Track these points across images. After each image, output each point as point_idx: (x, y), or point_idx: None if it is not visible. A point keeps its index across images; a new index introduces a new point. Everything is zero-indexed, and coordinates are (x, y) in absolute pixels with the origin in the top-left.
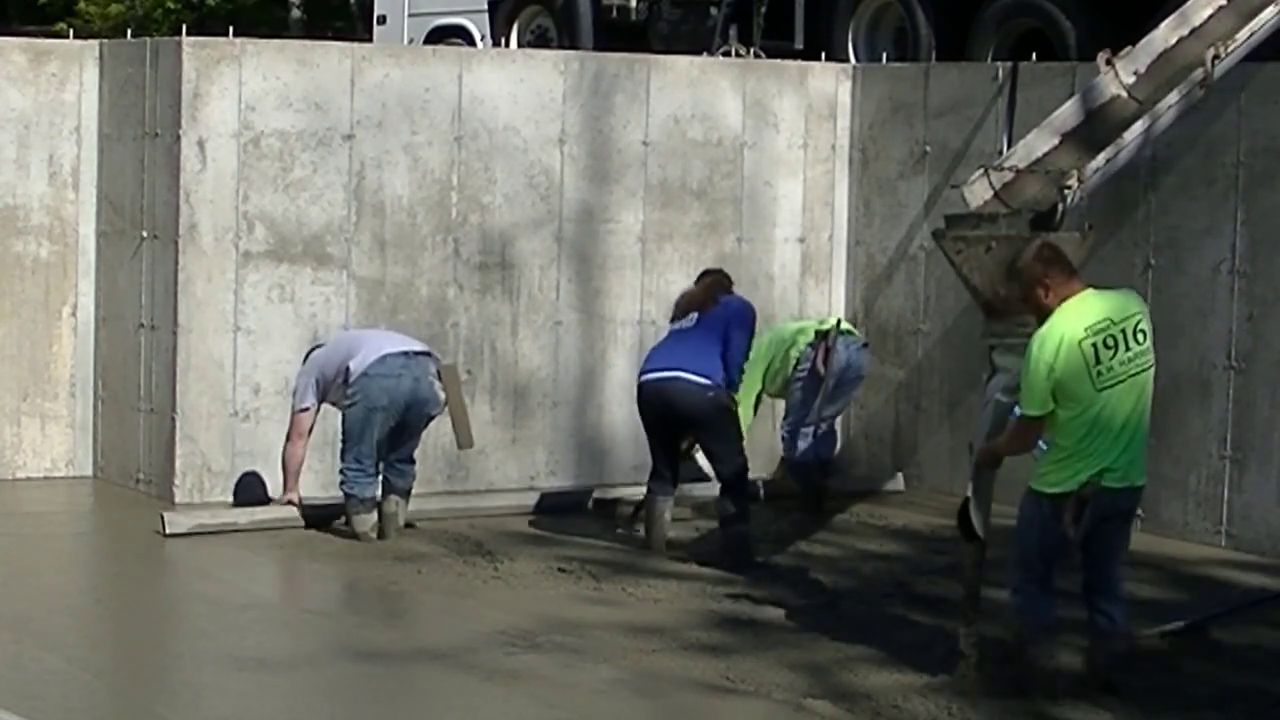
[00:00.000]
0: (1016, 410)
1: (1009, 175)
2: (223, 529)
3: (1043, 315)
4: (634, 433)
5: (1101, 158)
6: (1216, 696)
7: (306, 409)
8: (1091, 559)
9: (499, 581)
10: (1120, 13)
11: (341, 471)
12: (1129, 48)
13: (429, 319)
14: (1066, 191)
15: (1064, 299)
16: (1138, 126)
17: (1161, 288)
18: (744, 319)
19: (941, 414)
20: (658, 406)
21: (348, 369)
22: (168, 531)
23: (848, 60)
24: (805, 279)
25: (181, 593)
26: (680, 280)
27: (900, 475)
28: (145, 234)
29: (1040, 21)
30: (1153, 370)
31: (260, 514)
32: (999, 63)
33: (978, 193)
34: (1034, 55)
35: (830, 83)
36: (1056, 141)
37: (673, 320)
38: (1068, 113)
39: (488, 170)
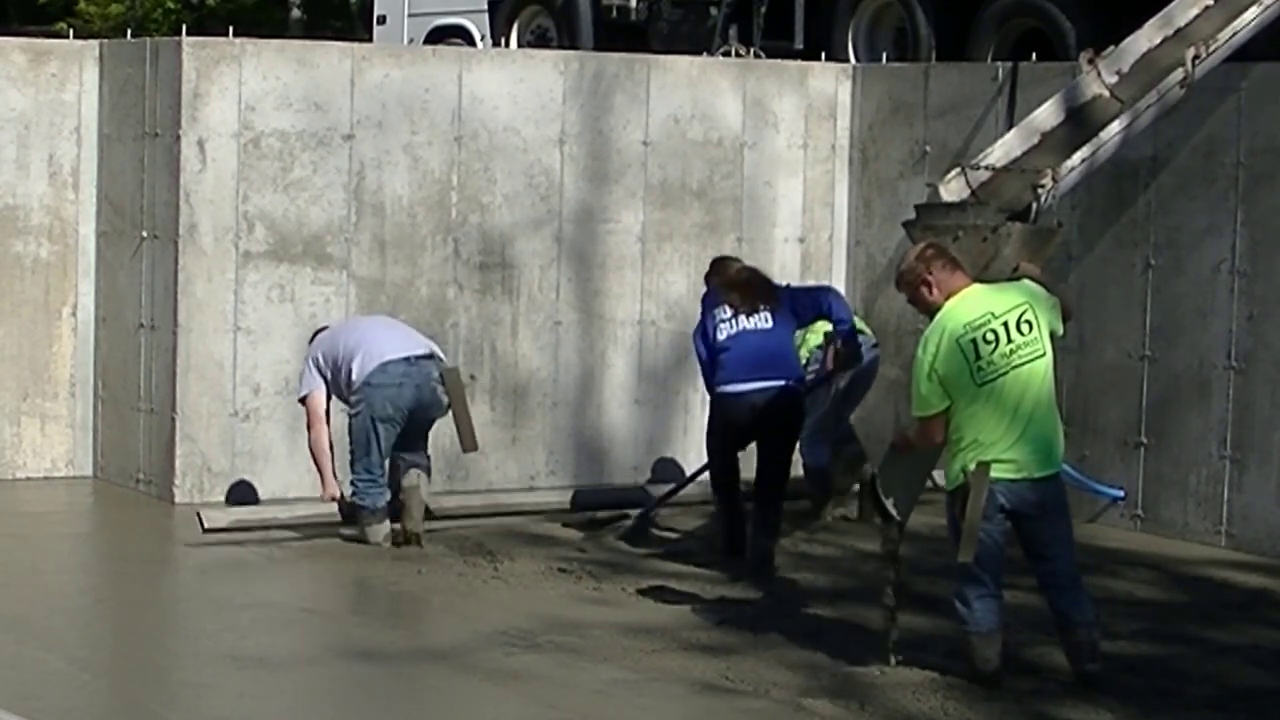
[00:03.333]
0: None
1: (985, 174)
2: (262, 524)
3: (932, 313)
4: (634, 433)
5: (1077, 157)
6: (1216, 696)
7: (314, 390)
8: (1030, 557)
9: (499, 581)
10: (1120, 13)
11: (352, 483)
12: (1112, 47)
13: (429, 319)
14: (1040, 190)
15: (950, 294)
16: (1115, 125)
17: (1161, 288)
18: (799, 288)
19: None
20: (751, 416)
21: (350, 367)
22: (206, 527)
23: (848, 60)
24: (805, 279)
25: (182, 592)
26: (680, 280)
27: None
28: (145, 234)
29: (1040, 21)
30: (1047, 358)
31: (300, 510)
32: (999, 63)
33: (954, 191)
34: (1034, 55)
35: (830, 83)
36: (1036, 141)
37: (732, 312)
38: (1048, 113)
39: (488, 170)
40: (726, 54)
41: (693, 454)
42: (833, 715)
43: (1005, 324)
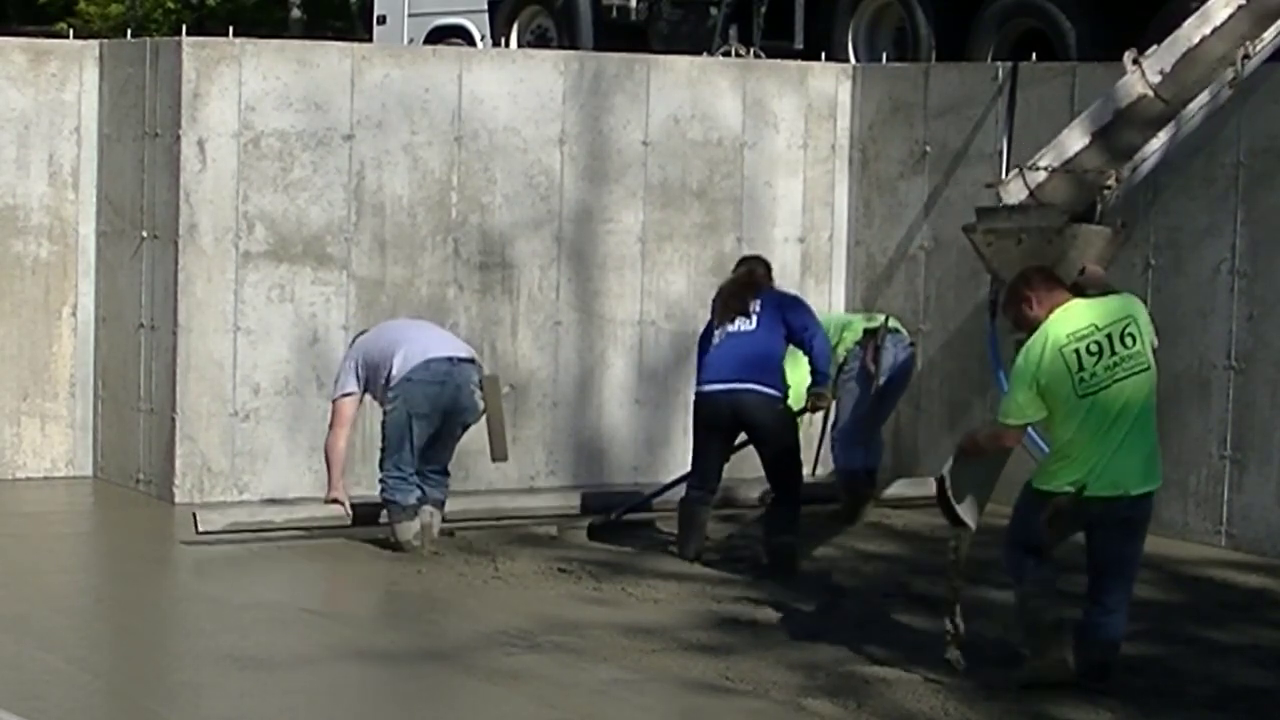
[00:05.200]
0: None
1: (1043, 175)
2: (258, 528)
3: (1032, 327)
4: (634, 433)
5: (1139, 157)
6: (1216, 696)
7: (347, 395)
8: (1092, 569)
9: (499, 581)
10: (1120, 13)
11: (381, 480)
12: (1154, 47)
13: (429, 319)
14: (1106, 192)
15: (1052, 309)
16: (1172, 126)
17: (1161, 288)
18: (804, 307)
19: (941, 414)
20: (726, 417)
21: (391, 364)
22: (201, 529)
23: (848, 60)
24: (805, 279)
25: (181, 593)
26: (680, 280)
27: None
28: (145, 234)
29: (1040, 21)
30: (1150, 372)
31: (298, 513)
32: (999, 63)
33: (1013, 192)
34: (1034, 55)
35: (830, 83)
36: (1087, 141)
37: (718, 319)
38: (1096, 113)
39: (488, 170)
40: (726, 54)
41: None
42: (832, 715)
43: (1109, 336)
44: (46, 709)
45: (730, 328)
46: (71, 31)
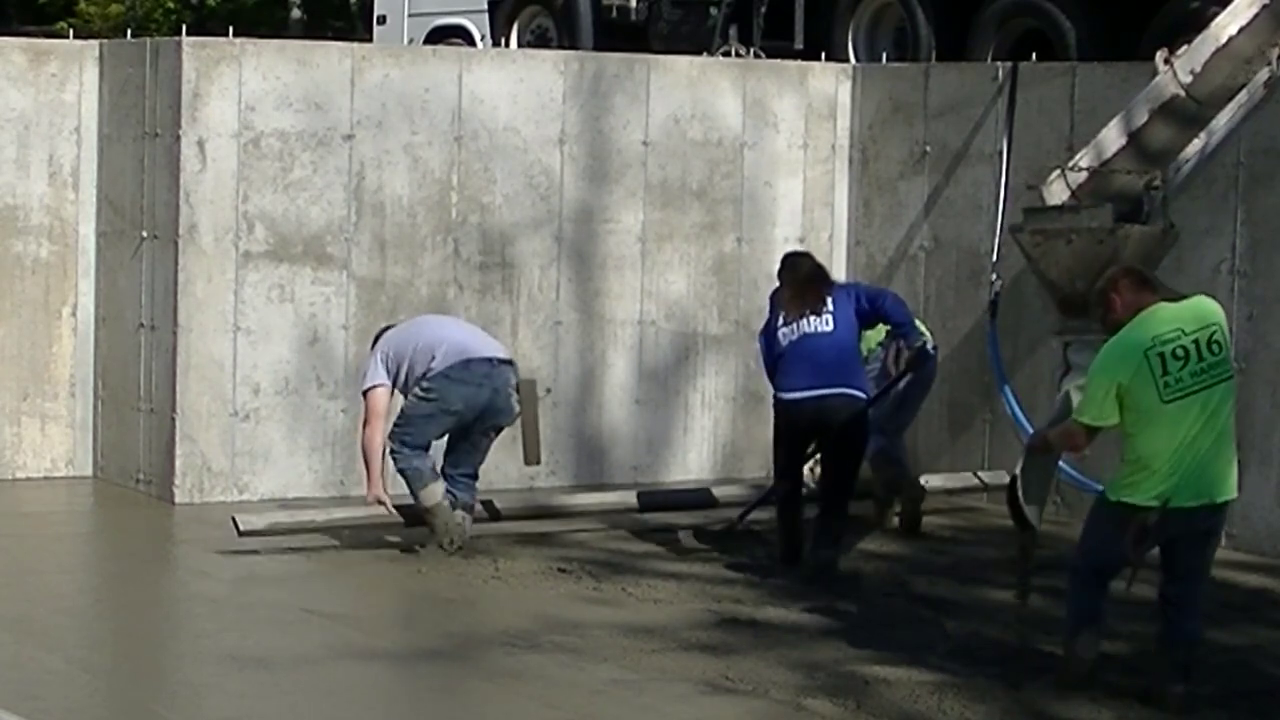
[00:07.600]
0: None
1: (1083, 176)
2: (299, 528)
3: (1114, 328)
4: (634, 433)
5: (1182, 158)
6: (1217, 696)
7: (379, 386)
8: (1170, 575)
9: (499, 581)
10: (1120, 13)
11: (393, 452)
12: (1185, 46)
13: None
14: (1153, 192)
15: (1136, 310)
16: (1212, 125)
17: None
18: (865, 286)
19: (941, 414)
20: (810, 423)
21: (429, 361)
22: (242, 530)
23: (848, 60)
24: None
25: (181, 593)
26: (680, 280)
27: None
28: (145, 234)
29: (1040, 21)
30: (1233, 382)
31: (338, 512)
32: (999, 63)
33: (1056, 193)
34: (1034, 55)
35: (830, 83)
36: (1124, 142)
37: (788, 316)
38: (1132, 114)
39: (488, 170)
40: (726, 54)
41: (693, 454)
42: (832, 715)
43: (1196, 341)
44: (46, 709)
45: (807, 328)
46: (71, 31)
